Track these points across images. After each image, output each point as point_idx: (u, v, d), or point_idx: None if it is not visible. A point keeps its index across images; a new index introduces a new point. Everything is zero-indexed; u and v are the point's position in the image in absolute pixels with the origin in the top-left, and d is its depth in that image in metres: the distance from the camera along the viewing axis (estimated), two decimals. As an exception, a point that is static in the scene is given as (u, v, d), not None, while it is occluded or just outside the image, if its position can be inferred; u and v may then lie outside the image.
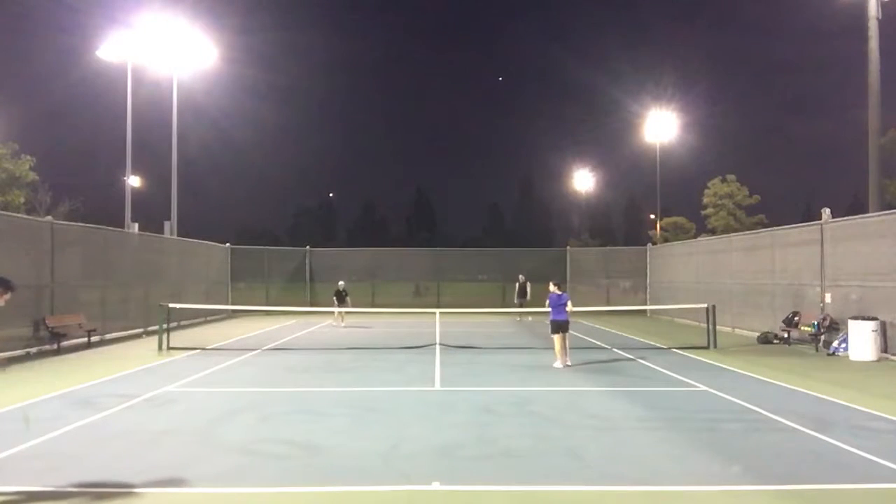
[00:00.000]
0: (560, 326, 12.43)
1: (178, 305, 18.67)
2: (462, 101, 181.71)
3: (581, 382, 10.84)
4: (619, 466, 6.14)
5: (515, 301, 25.03)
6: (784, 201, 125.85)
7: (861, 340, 13.35)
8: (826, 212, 16.15)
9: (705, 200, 45.93)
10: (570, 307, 12.57)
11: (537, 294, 22.48)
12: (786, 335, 16.49)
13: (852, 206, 53.50)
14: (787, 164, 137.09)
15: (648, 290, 29.21)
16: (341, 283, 23.27)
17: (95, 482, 5.61)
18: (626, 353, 14.81)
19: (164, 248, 23.24)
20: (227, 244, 29.77)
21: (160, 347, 15.20)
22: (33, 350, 14.38)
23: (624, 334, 19.48)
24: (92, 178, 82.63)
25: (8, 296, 5.91)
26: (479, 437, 7.17)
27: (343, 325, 22.69)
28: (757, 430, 7.59)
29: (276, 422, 8.01)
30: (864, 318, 13.45)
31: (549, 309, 12.65)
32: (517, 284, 25.50)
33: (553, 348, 12.64)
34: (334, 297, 22.75)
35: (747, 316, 19.49)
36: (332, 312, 22.58)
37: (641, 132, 43.01)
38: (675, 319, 24.70)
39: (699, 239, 32.25)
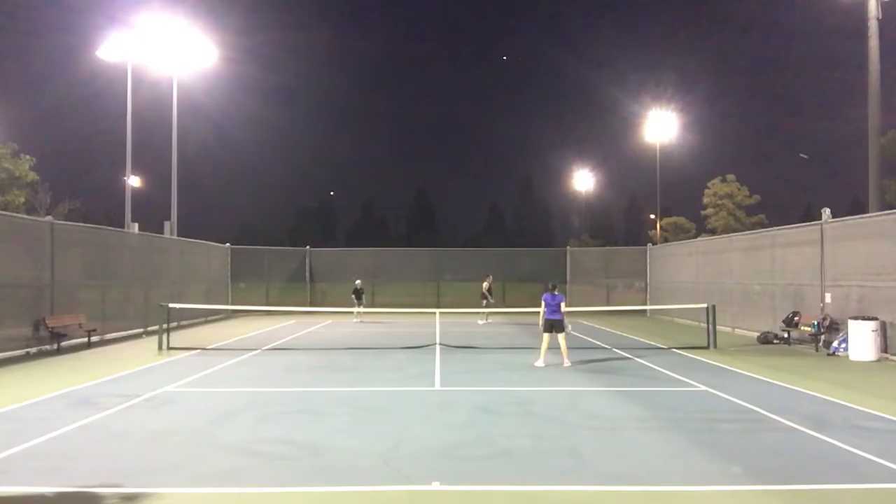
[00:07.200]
0: (552, 325, 12.57)
1: (178, 305, 18.67)
2: (462, 100, 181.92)
3: (581, 382, 10.84)
4: (619, 466, 6.14)
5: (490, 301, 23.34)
6: (784, 201, 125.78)
7: (861, 340, 13.35)
8: (826, 212, 16.14)
9: (705, 200, 45.90)
10: (563, 307, 12.67)
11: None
12: (786, 335, 16.49)
13: (852, 206, 53.45)
14: (787, 164, 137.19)
15: (648, 290, 29.21)
16: (358, 281, 24.00)
17: (95, 482, 5.60)
18: (626, 352, 14.81)
19: (164, 248, 23.22)
20: (227, 244, 29.76)
21: (160, 347, 15.20)
22: (33, 350, 14.38)
23: (624, 334, 19.48)
24: (92, 178, 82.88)
25: None
26: (479, 437, 7.17)
27: (356, 321, 23.49)
28: (757, 430, 7.60)
29: (276, 422, 8.01)
30: (864, 318, 13.44)
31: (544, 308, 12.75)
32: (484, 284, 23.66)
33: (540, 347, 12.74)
34: (353, 295, 23.46)
35: (747, 316, 19.48)
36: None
37: (641, 132, 42.98)
38: (675, 319, 24.70)
39: (699, 239, 32.23)
